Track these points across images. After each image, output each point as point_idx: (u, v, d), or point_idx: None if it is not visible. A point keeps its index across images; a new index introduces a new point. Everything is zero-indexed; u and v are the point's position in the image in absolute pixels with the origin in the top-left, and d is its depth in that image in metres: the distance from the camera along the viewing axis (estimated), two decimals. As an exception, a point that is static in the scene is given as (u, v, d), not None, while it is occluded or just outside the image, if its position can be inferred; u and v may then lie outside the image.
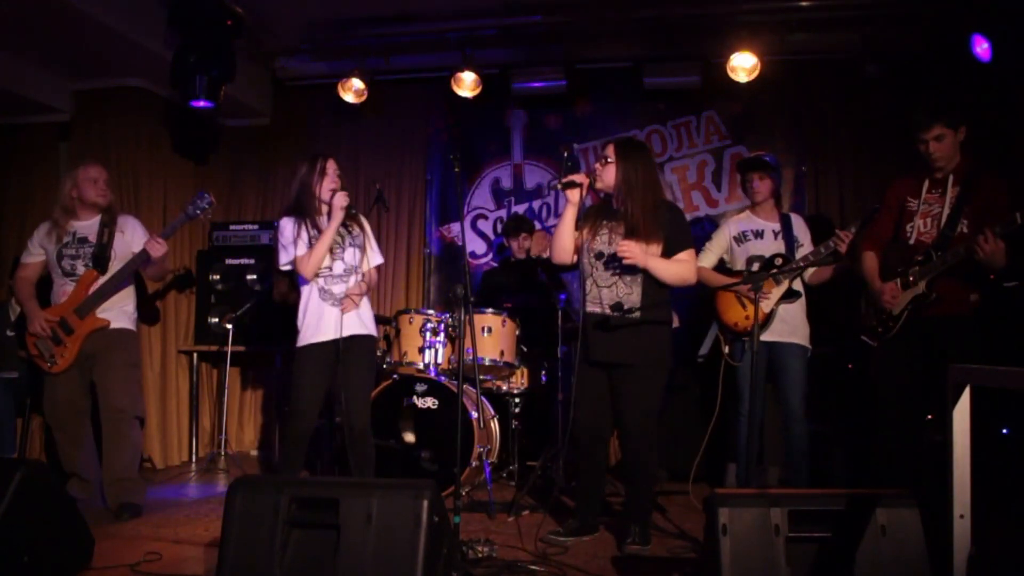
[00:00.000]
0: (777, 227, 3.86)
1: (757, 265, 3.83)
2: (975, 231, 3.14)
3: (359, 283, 3.52)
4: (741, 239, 3.92)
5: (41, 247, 3.79)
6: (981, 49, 4.01)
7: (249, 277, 5.28)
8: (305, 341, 3.43)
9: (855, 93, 4.98)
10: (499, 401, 4.55)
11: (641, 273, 3.14)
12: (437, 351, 4.17)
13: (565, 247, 3.30)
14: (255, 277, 5.28)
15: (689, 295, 4.61)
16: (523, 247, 4.99)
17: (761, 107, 5.24)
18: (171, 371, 5.33)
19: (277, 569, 2.19)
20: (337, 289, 3.47)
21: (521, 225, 5.02)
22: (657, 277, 3.14)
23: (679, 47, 5.05)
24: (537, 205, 5.62)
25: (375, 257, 3.65)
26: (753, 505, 2.18)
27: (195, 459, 5.36)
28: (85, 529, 2.80)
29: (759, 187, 3.88)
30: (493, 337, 4.22)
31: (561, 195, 3.29)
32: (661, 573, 2.92)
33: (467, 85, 5.19)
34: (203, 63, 4.43)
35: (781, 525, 2.15)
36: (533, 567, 2.83)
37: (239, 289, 5.25)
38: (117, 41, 4.46)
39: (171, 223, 3.96)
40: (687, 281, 3.23)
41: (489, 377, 4.46)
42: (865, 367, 4.40)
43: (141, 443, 4.13)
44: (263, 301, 5.15)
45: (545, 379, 4.63)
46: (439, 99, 5.60)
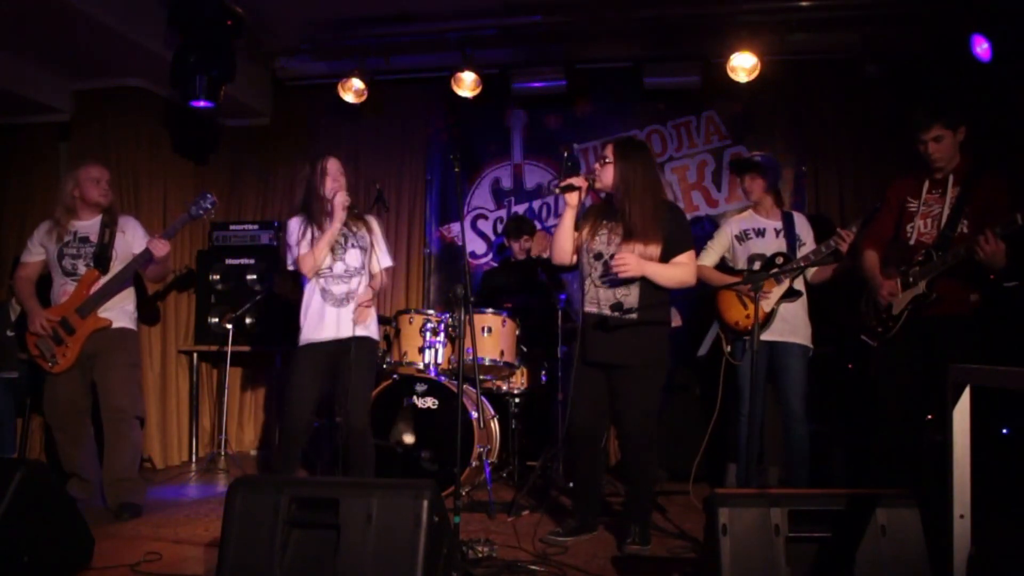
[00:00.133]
0: (779, 225, 3.87)
1: (758, 264, 3.83)
2: (975, 231, 3.14)
3: (368, 289, 3.53)
4: (743, 238, 3.92)
5: (42, 246, 3.79)
6: (981, 49, 4.01)
7: (249, 277, 5.28)
8: (305, 340, 3.46)
9: (855, 93, 4.98)
10: (499, 401, 4.55)
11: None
12: (437, 351, 4.17)
13: (564, 248, 3.30)
14: (255, 277, 5.28)
15: (690, 294, 4.62)
16: (524, 248, 4.99)
17: (761, 107, 5.24)
18: (171, 371, 5.33)
19: (277, 569, 2.19)
20: (338, 289, 3.47)
21: (522, 226, 5.02)
22: (656, 283, 3.14)
23: (679, 47, 5.06)
24: (537, 205, 5.62)
25: (384, 259, 3.65)
26: (753, 505, 2.18)
27: (195, 459, 5.37)
28: (85, 529, 2.80)
29: (751, 187, 3.92)
30: (493, 337, 4.22)
31: (561, 196, 3.28)
32: (661, 573, 2.92)
33: (467, 85, 5.19)
34: (203, 63, 4.43)
35: (781, 525, 2.15)
36: (533, 567, 2.83)
37: (239, 289, 5.25)
38: (117, 41, 4.46)
39: (173, 223, 3.96)
40: (686, 284, 3.23)
41: (489, 377, 4.46)
42: (865, 367, 4.40)
43: (141, 443, 4.13)
44: (263, 301, 5.16)
45: (545, 379, 4.63)
46: (439, 99, 5.60)
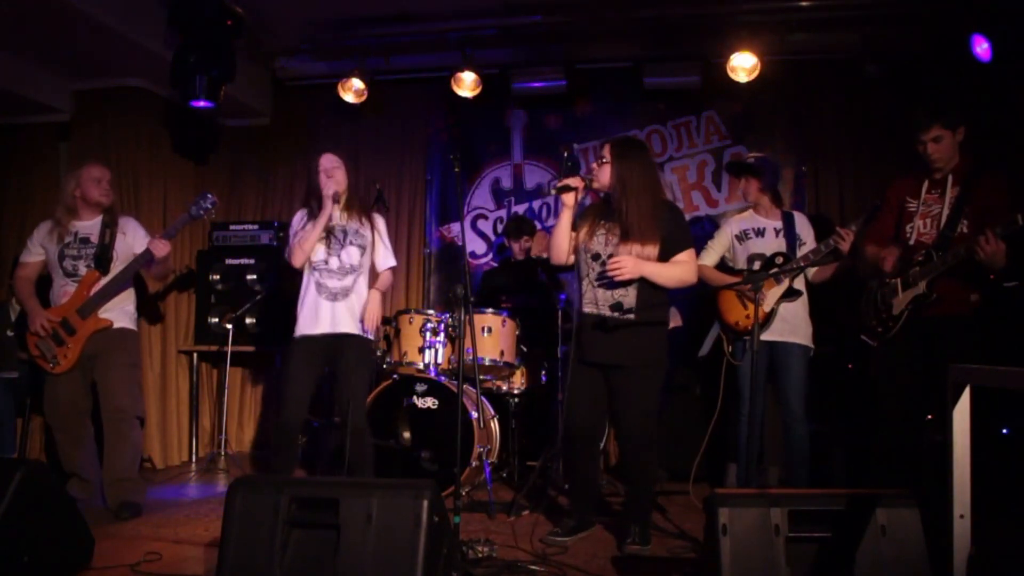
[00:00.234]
0: (779, 225, 3.86)
1: (758, 264, 3.83)
2: (975, 231, 3.13)
3: (375, 294, 3.57)
4: (743, 238, 3.92)
5: (42, 247, 3.79)
6: (981, 49, 4.00)
7: (249, 277, 5.28)
8: (299, 332, 3.51)
9: (855, 93, 4.98)
10: (499, 401, 4.55)
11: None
12: (437, 351, 4.17)
13: (561, 249, 3.30)
14: (255, 277, 5.28)
15: (691, 295, 4.62)
16: (524, 248, 4.99)
17: (761, 107, 5.24)
18: (171, 371, 5.33)
19: (277, 569, 2.19)
20: (332, 284, 3.50)
21: (523, 227, 5.02)
22: (655, 283, 3.14)
23: (679, 47, 5.06)
24: (537, 205, 5.62)
25: (388, 259, 3.67)
26: (753, 505, 2.18)
27: (195, 459, 5.36)
28: (85, 529, 2.80)
29: (746, 189, 3.94)
30: (493, 337, 4.22)
31: (558, 197, 3.29)
32: (661, 573, 2.92)
33: (467, 85, 5.19)
34: (203, 63, 4.42)
35: (781, 525, 2.15)
36: (533, 567, 2.83)
37: (239, 289, 5.25)
38: (117, 41, 4.46)
39: (174, 223, 3.96)
40: (686, 283, 3.21)
41: (489, 377, 4.46)
42: (865, 367, 4.40)
43: (141, 443, 4.13)
44: (263, 301, 5.16)
45: (545, 379, 4.63)
46: (439, 99, 5.60)
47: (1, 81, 4.77)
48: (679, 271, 3.16)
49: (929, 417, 3.76)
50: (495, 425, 4.37)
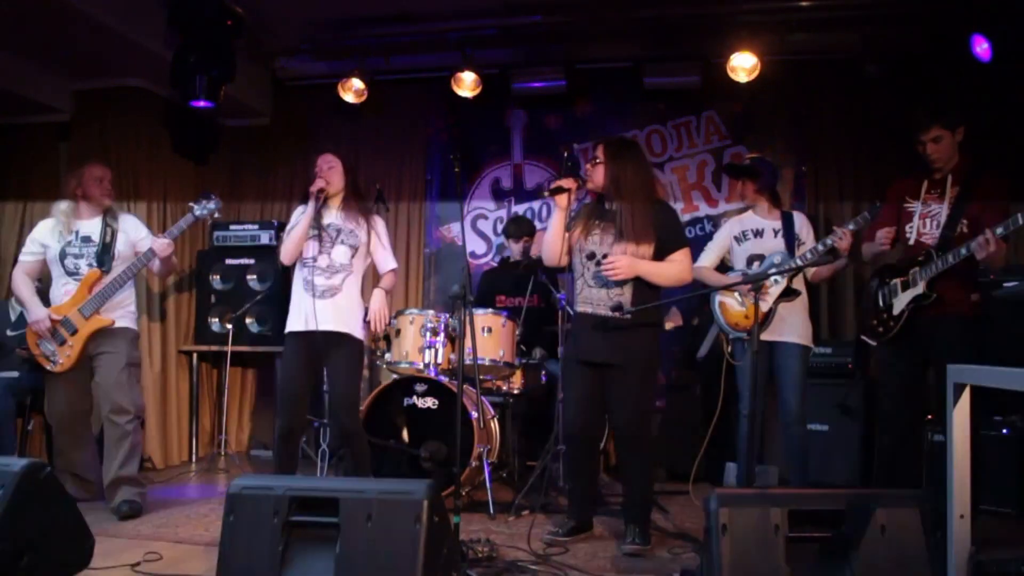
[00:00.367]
0: (778, 225, 3.86)
1: (757, 264, 3.83)
2: (975, 231, 3.13)
3: (377, 293, 3.58)
4: (741, 238, 3.92)
5: (42, 245, 3.79)
6: (981, 49, 4.00)
7: (249, 277, 5.28)
8: (288, 328, 3.53)
9: (855, 93, 4.98)
10: (499, 401, 4.55)
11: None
12: (437, 351, 4.17)
13: (555, 250, 3.31)
14: (255, 277, 5.29)
15: (691, 295, 4.61)
16: (524, 249, 4.99)
17: (761, 107, 5.24)
18: (171, 371, 5.33)
19: (277, 569, 2.19)
20: (320, 282, 3.50)
21: (523, 227, 5.01)
22: (651, 282, 3.15)
23: (679, 47, 5.05)
24: (537, 205, 5.61)
25: (388, 261, 3.67)
26: (753, 505, 2.18)
27: (195, 459, 5.36)
28: (85, 529, 2.79)
29: (742, 190, 3.95)
30: (493, 337, 4.22)
31: (551, 198, 3.29)
32: (661, 573, 2.92)
33: (467, 85, 5.19)
34: (203, 63, 4.43)
35: (781, 525, 2.15)
36: (533, 567, 2.84)
37: (239, 289, 5.25)
38: (117, 41, 4.46)
39: (178, 223, 3.96)
40: (682, 281, 3.24)
41: (489, 377, 4.46)
42: (865, 367, 4.40)
43: (141, 443, 4.13)
44: (263, 301, 5.16)
45: (545, 379, 4.63)
46: (439, 99, 5.60)
47: (1, 81, 4.77)
48: (675, 270, 3.18)
49: (929, 417, 3.76)
50: (495, 425, 4.37)
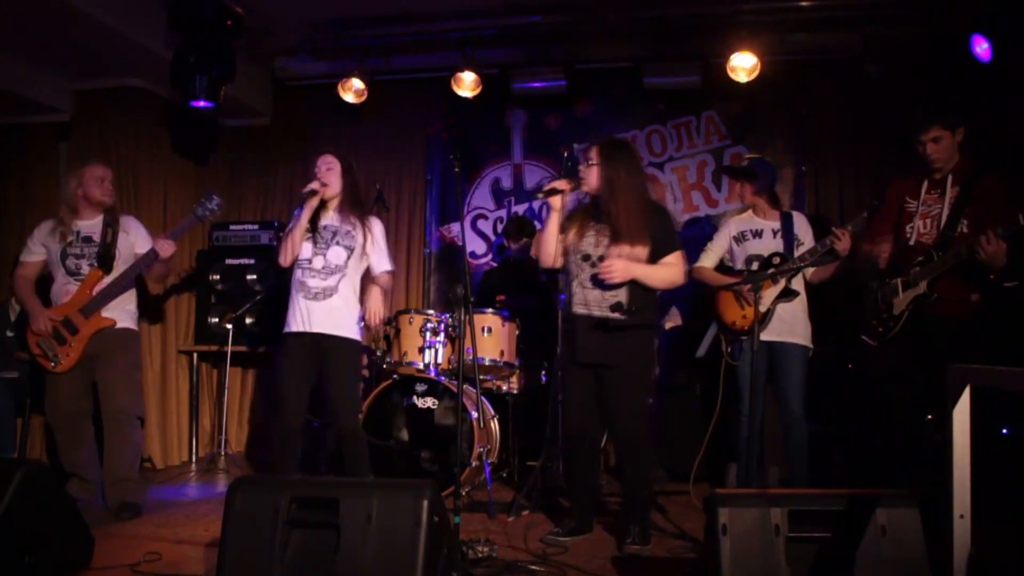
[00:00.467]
0: (777, 226, 3.86)
1: (756, 264, 3.83)
2: (976, 231, 3.13)
3: (372, 290, 3.57)
4: (740, 239, 3.92)
5: (43, 246, 3.79)
6: (981, 49, 4.00)
7: (249, 277, 5.28)
8: (284, 329, 3.54)
9: (855, 93, 4.97)
10: (499, 401, 4.55)
11: None
12: (437, 351, 4.17)
13: (549, 252, 3.32)
14: (255, 277, 5.28)
15: (691, 295, 4.61)
16: (524, 249, 4.99)
17: (761, 107, 5.23)
18: (171, 371, 5.33)
19: (277, 569, 2.19)
20: (312, 283, 3.51)
21: (523, 228, 5.01)
22: (646, 285, 3.17)
23: (679, 47, 5.05)
24: (537, 205, 5.61)
25: (383, 263, 3.65)
26: (753, 505, 2.18)
27: (195, 459, 5.36)
28: (85, 529, 2.80)
29: (741, 191, 3.96)
30: (493, 337, 4.22)
31: (545, 200, 3.30)
32: (661, 573, 2.92)
33: (467, 85, 5.19)
34: (203, 63, 4.43)
35: (781, 525, 2.15)
36: (533, 567, 2.84)
37: (239, 289, 5.25)
38: (117, 41, 4.46)
39: (180, 224, 3.97)
40: (675, 284, 3.27)
41: (489, 377, 4.46)
42: (865, 367, 4.39)
43: (142, 443, 4.13)
44: (263, 301, 5.15)
45: (545, 379, 4.63)
46: (439, 99, 5.59)
47: (1, 81, 4.77)
48: (669, 273, 3.20)
49: (929, 417, 3.76)
50: (495, 425, 4.37)
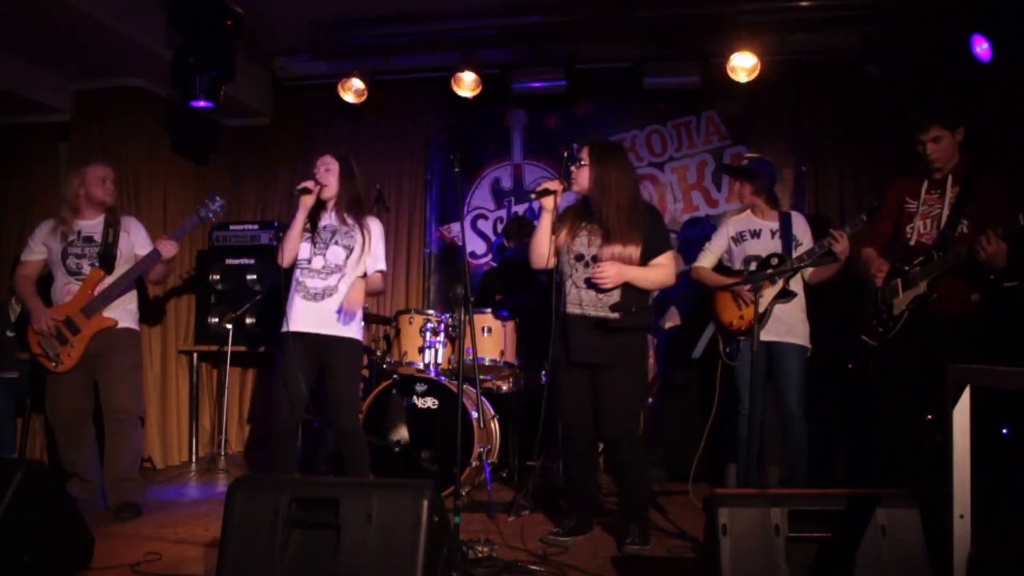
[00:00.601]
0: (775, 226, 3.86)
1: (754, 265, 3.83)
2: (976, 231, 3.13)
3: (356, 282, 3.53)
4: (739, 239, 3.92)
5: (44, 245, 3.78)
6: (981, 49, 4.00)
7: (249, 277, 5.27)
8: (283, 328, 3.53)
9: (855, 93, 4.98)
10: (499, 401, 4.55)
11: None
12: (437, 351, 4.17)
13: (542, 254, 3.31)
14: (255, 277, 5.27)
15: (690, 295, 4.60)
16: (525, 249, 4.98)
17: (761, 107, 5.24)
18: (171, 371, 5.33)
19: (277, 569, 2.19)
20: (312, 283, 3.51)
21: (523, 228, 5.00)
22: (638, 287, 3.19)
23: (679, 47, 5.06)
24: (537, 205, 5.56)
25: (376, 263, 3.64)
26: (753, 505, 2.18)
27: (195, 459, 5.36)
28: (85, 529, 2.80)
29: (740, 190, 3.96)
30: (493, 337, 4.22)
31: (538, 201, 3.31)
32: (661, 573, 2.92)
33: (467, 85, 5.19)
34: (203, 63, 4.43)
35: (781, 525, 2.15)
36: (533, 567, 2.84)
37: (239, 289, 5.24)
38: (117, 41, 4.46)
39: (182, 224, 3.97)
40: (667, 285, 3.31)
41: (489, 377, 4.46)
42: (865, 367, 4.39)
43: (142, 443, 4.13)
44: (263, 301, 5.15)
45: (545, 379, 4.62)
46: (439, 99, 5.59)
47: (1, 81, 4.77)
48: (660, 275, 3.22)
49: (929, 417, 3.76)
50: (495, 425, 4.37)
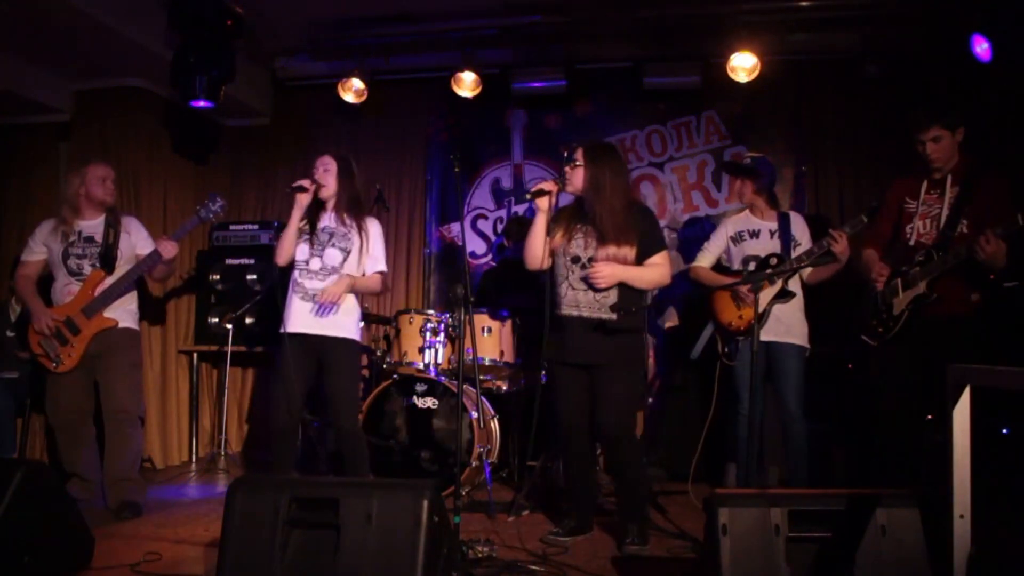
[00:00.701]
0: (774, 226, 3.86)
1: (753, 265, 3.83)
2: (975, 231, 3.13)
3: (342, 278, 3.51)
4: (737, 239, 3.92)
5: (44, 245, 3.78)
6: (981, 49, 4.00)
7: (249, 277, 5.28)
8: (281, 329, 3.53)
9: (855, 93, 4.97)
10: (499, 401, 4.55)
11: None
12: (437, 351, 4.18)
13: (536, 255, 3.31)
14: (255, 277, 5.28)
15: (688, 295, 4.61)
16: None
17: (761, 107, 5.23)
18: (171, 371, 5.33)
19: (277, 569, 2.19)
20: (309, 284, 3.52)
21: (523, 228, 4.98)
22: (634, 286, 3.20)
23: (679, 47, 5.05)
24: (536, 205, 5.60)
25: (375, 264, 3.64)
26: (753, 505, 2.18)
27: (195, 459, 5.36)
28: (85, 529, 2.80)
29: (741, 189, 3.95)
30: (493, 337, 4.23)
31: (533, 201, 3.31)
32: (661, 573, 2.92)
33: (467, 85, 5.19)
34: (203, 63, 4.42)
35: (781, 525, 2.15)
36: (533, 567, 2.84)
37: (239, 289, 5.25)
38: (117, 41, 4.46)
39: (183, 225, 3.97)
40: (662, 284, 3.33)
41: (489, 377, 4.46)
42: (865, 367, 4.39)
43: (142, 444, 4.13)
44: (263, 301, 5.15)
45: (545, 379, 4.62)
46: (439, 99, 5.59)
47: (1, 81, 4.77)
48: (655, 274, 3.24)
49: (929, 417, 3.76)
50: (495, 425, 4.37)
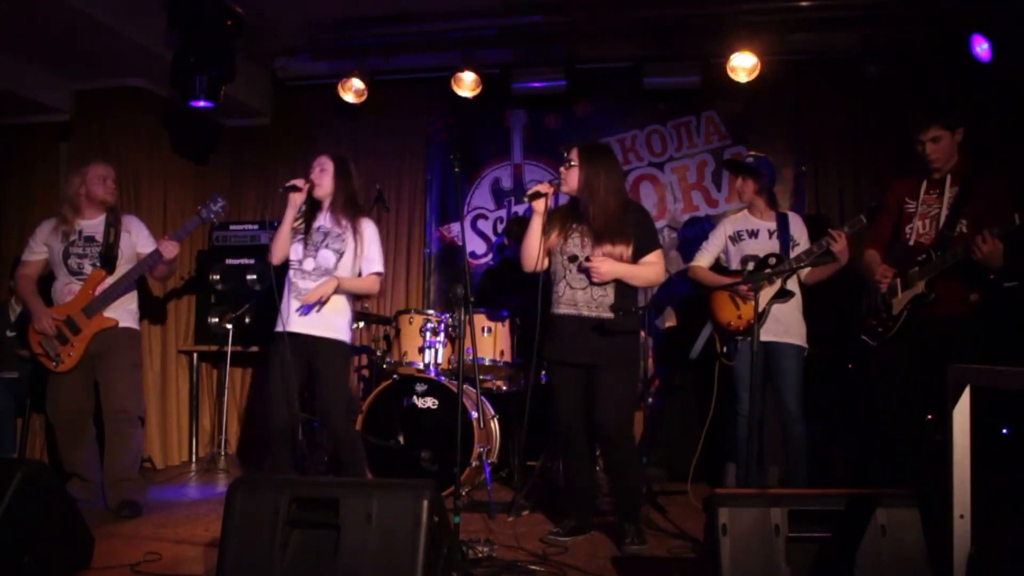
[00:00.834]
0: (773, 226, 3.86)
1: (752, 264, 3.83)
2: (975, 231, 3.13)
3: (329, 280, 3.48)
4: (736, 239, 3.92)
5: (45, 245, 3.78)
6: (981, 49, 4.00)
7: (249, 277, 5.27)
8: (275, 328, 3.54)
9: (855, 93, 4.97)
10: (499, 401, 4.55)
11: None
12: (437, 351, 4.18)
13: (533, 255, 3.32)
14: (255, 277, 5.27)
15: (686, 295, 4.60)
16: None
17: (761, 107, 5.23)
18: (171, 371, 5.33)
19: (277, 569, 2.19)
20: (303, 285, 3.53)
21: (523, 228, 4.98)
22: (630, 284, 3.22)
23: (679, 47, 5.06)
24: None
25: (371, 264, 3.62)
26: (753, 505, 2.18)
27: (195, 459, 5.36)
28: (85, 529, 2.80)
29: (742, 188, 3.95)
30: (493, 337, 4.23)
31: (530, 203, 3.31)
32: (661, 573, 2.92)
33: (467, 85, 5.19)
34: (203, 63, 4.43)
35: (781, 525, 2.15)
36: (533, 567, 2.84)
37: (239, 289, 5.24)
38: (117, 41, 4.46)
39: (184, 225, 3.97)
40: (657, 282, 3.37)
41: (489, 377, 4.46)
42: (865, 367, 4.40)
43: (142, 443, 4.13)
44: (263, 301, 5.15)
45: (545, 379, 4.62)
46: (439, 99, 5.59)
47: (1, 81, 4.77)
48: (650, 272, 3.26)
49: (929, 417, 3.76)
50: (495, 425, 4.37)
